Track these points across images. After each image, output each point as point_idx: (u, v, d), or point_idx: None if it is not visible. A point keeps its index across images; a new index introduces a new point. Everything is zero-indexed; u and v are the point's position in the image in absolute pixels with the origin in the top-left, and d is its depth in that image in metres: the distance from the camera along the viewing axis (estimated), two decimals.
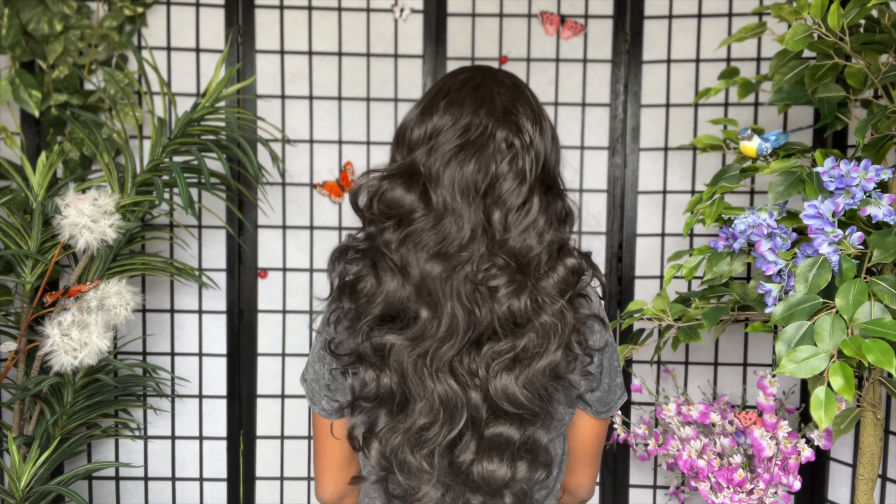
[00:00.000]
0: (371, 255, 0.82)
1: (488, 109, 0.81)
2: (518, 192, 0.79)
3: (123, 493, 1.80)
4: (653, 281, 1.75)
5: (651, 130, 1.73)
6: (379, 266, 0.80)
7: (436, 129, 0.81)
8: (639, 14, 1.71)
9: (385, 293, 0.79)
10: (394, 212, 0.80)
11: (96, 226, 1.41)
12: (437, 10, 1.72)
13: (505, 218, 0.78)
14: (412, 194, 0.79)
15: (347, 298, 0.83)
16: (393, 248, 0.79)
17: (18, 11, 1.59)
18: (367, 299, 0.81)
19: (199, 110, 1.57)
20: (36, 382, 1.48)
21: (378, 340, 0.79)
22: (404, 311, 0.79)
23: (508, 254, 0.78)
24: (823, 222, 1.09)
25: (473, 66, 0.89)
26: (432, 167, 0.79)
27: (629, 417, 1.76)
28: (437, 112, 0.82)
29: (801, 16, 1.19)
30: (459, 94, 0.83)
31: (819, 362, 1.00)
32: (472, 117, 0.80)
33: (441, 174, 0.78)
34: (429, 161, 0.79)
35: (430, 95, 0.85)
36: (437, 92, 0.85)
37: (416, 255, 0.77)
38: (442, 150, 0.79)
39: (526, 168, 0.80)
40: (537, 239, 0.80)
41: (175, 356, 1.79)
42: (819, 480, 1.65)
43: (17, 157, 1.68)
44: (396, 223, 0.80)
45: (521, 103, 0.84)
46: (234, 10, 1.72)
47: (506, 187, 0.79)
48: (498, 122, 0.81)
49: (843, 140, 1.58)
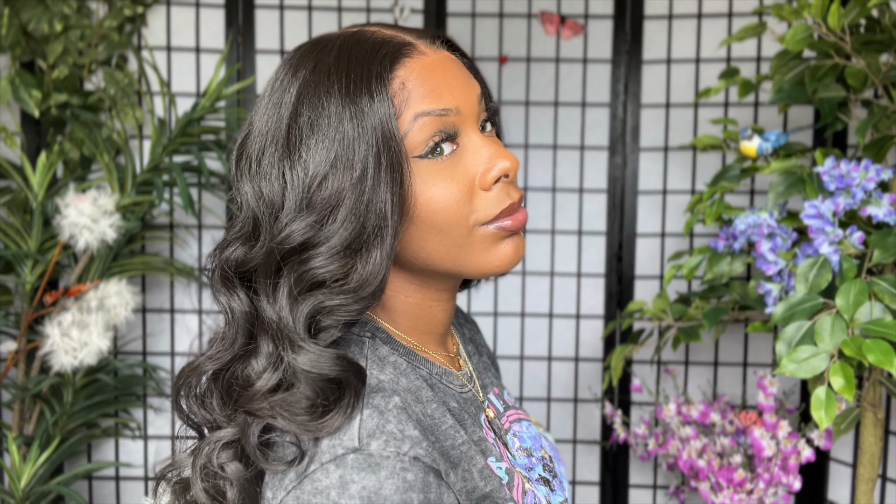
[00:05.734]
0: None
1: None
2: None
3: (123, 493, 1.80)
4: (653, 281, 1.75)
5: (651, 130, 1.73)
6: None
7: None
8: (639, 14, 1.71)
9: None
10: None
11: (96, 226, 1.41)
12: (436, 10, 1.72)
13: None
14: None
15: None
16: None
17: (18, 11, 1.59)
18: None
19: (198, 110, 1.57)
20: (36, 382, 1.48)
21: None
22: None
23: None
24: (824, 222, 1.09)
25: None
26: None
27: (629, 417, 1.76)
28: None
29: (801, 16, 1.19)
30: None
31: (819, 362, 1.00)
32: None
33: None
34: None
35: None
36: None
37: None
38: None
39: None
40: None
41: (175, 356, 1.78)
42: (819, 480, 1.65)
43: (17, 157, 1.68)
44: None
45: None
46: (234, 10, 1.72)
47: None
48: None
49: (844, 140, 1.58)
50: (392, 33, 0.67)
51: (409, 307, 0.71)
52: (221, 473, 0.64)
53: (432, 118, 0.63)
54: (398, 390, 0.64)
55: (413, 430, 0.61)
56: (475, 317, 1.76)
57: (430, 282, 0.70)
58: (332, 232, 0.61)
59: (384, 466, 0.57)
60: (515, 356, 1.80)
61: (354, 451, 0.58)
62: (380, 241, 0.62)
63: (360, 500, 0.56)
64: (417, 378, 0.68)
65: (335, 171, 0.61)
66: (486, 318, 1.79)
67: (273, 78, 0.67)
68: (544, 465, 0.77)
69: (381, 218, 0.61)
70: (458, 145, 0.65)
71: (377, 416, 0.60)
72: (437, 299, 0.72)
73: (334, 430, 0.59)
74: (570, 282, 1.78)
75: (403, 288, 0.70)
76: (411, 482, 0.58)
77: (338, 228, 0.61)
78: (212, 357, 0.66)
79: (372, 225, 0.61)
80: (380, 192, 0.61)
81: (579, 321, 1.78)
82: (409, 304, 0.71)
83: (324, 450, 0.59)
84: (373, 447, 0.58)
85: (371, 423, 0.60)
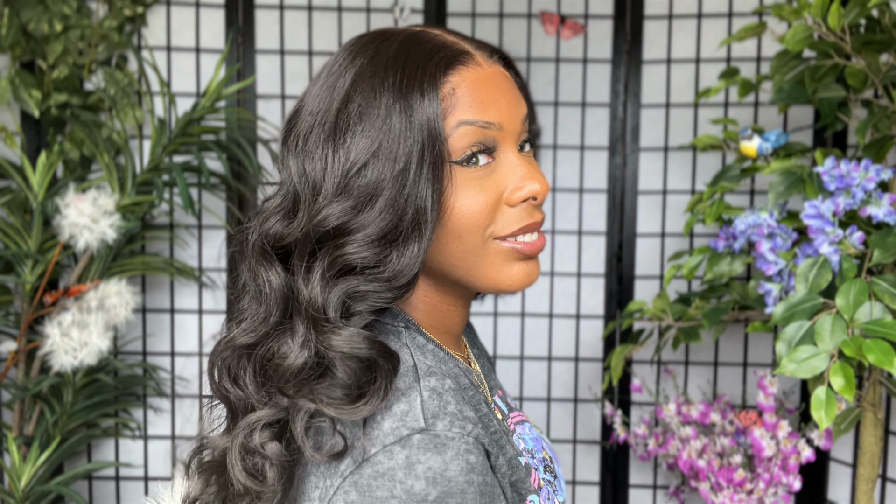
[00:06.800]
0: None
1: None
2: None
3: (123, 493, 1.80)
4: (653, 281, 1.75)
5: (651, 130, 1.73)
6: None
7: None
8: (639, 14, 1.71)
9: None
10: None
11: (96, 226, 1.41)
12: (436, 10, 1.72)
13: None
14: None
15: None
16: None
17: (18, 11, 1.59)
18: None
19: (199, 110, 1.57)
20: (36, 382, 1.48)
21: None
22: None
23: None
24: (824, 222, 1.09)
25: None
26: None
27: (629, 417, 1.76)
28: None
29: (801, 16, 1.19)
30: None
31: (819, 362, 1.00)
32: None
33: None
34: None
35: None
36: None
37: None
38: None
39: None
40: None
41: (175, 356, 1.79)
42: (819, 480, 1.65)
43: (17, 157, 1.68)
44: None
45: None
46: (234, 10, 1.72)
47: None
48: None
49: (844, 140, 1.58)
50: (453, 39, 0.68)
51: (428, 306, 0.72)
52: (262, 452, 0.63)
53: (475, 128, 0.64)
54: (448, 374, 0.65)
55: (470, 412, 0.62)
56: (475, 317, 1.76)
57: (444, 286, 0.72)
58: (369, 220, 0.62)
59: (450, 447, 0.58)
60: (515, 356, 1.80)
61: (421, 431, 0.58)
62: (417, 234, 0.63)
63: (426, 481, 0.56)
64: (455, 366, 0.70)
65: (376, 160, 0.62)
66: (486, 318, 1.79)
67: (331, 61, 0.68)
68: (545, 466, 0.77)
69: (419, 212, 0.62)
70: (493, 159, 0.67)
71: (437, 398, 0.61)
72: (453, 304, 0.73)
73: (368, 413, 0.60)
74: (570, 282, 1.78)
75: (422, 287, 0.71)
76: (473, 464, 0.58)
77: (374, 217, 0.62)
78: (246, 331, 0.66)
79: (409, 218, 0.62)
80: (420, 187, 0.62)
81: (579, 321, 1.78)
82: (427, 303, 0.72)
83: (386, 432, 0.59)
84: (439, 427, 0.59)
85: (433, 404, 0.60)
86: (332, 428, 0.61)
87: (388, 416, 0.60)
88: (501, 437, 0.68)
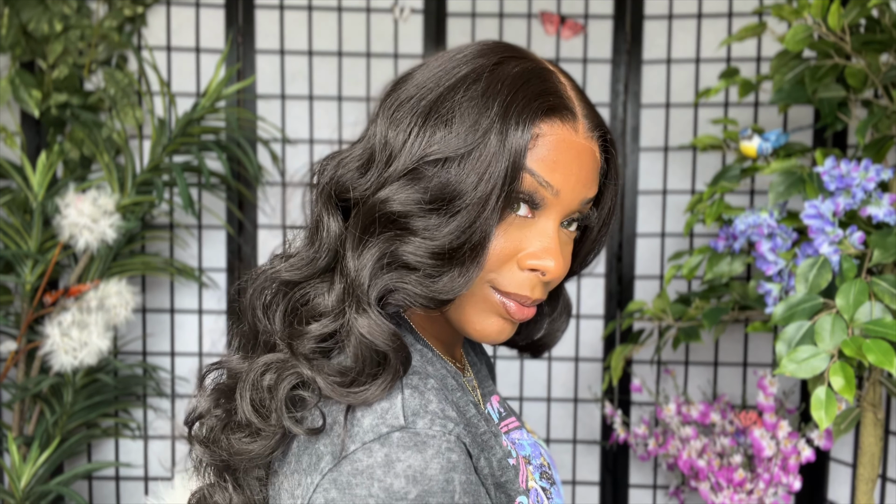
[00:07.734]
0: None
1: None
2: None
3: (123, 493, 1.80)
4: (653, 281, 1.75)
5: (651, 130, 1.73)
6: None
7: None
8: (639, 14, 1.71)
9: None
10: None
11: (96, 226, 1.41)
12: (436, 10, 1.72)
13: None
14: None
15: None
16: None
17: (18, 11, 1.59)
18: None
19: (199, 110, 1.57)
20: (36, 382, 1.48)
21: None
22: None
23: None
24: (824, 222, 1.10)
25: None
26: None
27: (629, 417, 1.76)
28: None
29: (801, 16, 1.19)
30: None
31: (819, 362, 1.00)
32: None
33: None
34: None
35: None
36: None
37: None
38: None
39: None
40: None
41: (175, 356, 1.79)
42: (819, 480, 1.65)
43: (17, 157, 1.68)
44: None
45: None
46: (234, 10, 1.72)
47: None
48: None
49: (844, 140, 1.58)
50: (571, 94, 0.67)
51: (423, 313, 0.71)
52: (272, 393, 0.62)
53: (533, 180, 0.64)
54: (431, 374, 0.65)
55: (452, 412, 0.61)
56: None
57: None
58: (439, 234, 0.62)
59: (430, 445, 0.57)
60: (515, 356, 1.80)
61: (401, 429, 0.58)
62: (476, 260, 0.63)
63: (406, 480, 0.56)
64: (442, 367, 0.69)
65: (458, 165, 0.62)
66: None
67: (458, 48, 0.68)
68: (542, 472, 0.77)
69: (483, 241, 0.62)
70: (533, 216, 0.66)
71: (418, 396, 0.61)
72: (448, 321, 0.72)
73: (360, 402, 0.59)
74: (570, 281, 1.77)
75: None
76: (455, 462, 0.58)
77: (446, 233, 0.62)
78: (293, 267, 0.67)
79: (474, 243, 0.62)
80: (492, 220, 0.62)
81: (579, 321, 1.78)
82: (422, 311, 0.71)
83: (366, 429, 0.58)
84: (419, 425, 0.58)
85: (414, 402, 0.60)
86: (316, 405, 0.61)
87: (368, 413, 0.60)
88: (490, 438, 0.67)
